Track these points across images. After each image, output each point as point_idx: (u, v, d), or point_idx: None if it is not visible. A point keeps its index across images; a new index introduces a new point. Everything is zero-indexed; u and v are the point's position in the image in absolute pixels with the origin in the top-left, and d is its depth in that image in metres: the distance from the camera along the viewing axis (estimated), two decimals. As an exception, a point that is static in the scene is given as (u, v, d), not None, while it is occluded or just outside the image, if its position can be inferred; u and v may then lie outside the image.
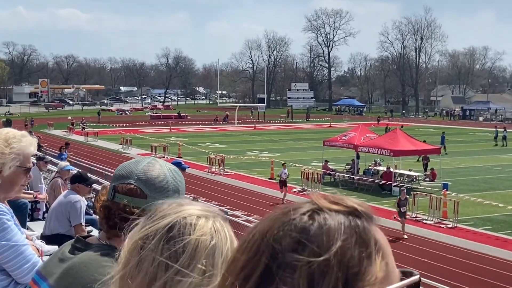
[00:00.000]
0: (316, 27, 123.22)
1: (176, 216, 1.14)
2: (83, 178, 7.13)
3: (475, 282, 13.78)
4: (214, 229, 1.14)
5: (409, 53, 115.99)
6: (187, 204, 1.20)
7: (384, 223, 19.72)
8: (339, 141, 29.51)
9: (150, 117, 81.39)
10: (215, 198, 23.48)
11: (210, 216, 1.17)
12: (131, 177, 1.75)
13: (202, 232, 1.12)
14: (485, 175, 30.30)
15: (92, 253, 1.70)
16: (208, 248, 1.10)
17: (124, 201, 1.73)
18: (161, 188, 1.74)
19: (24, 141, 2.72)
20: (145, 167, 1.77)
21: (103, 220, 1.77)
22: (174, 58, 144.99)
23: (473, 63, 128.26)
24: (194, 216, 1.15)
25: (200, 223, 1.13)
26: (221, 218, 1.19)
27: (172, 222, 1.12)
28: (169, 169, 1.78)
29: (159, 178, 1.75)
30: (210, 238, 1.11)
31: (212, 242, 1.11)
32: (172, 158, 29.74)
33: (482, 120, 77.98)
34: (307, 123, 76.20)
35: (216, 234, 1.13)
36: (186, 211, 1.16)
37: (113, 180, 1.80)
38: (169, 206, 1.17)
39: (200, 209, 1.18)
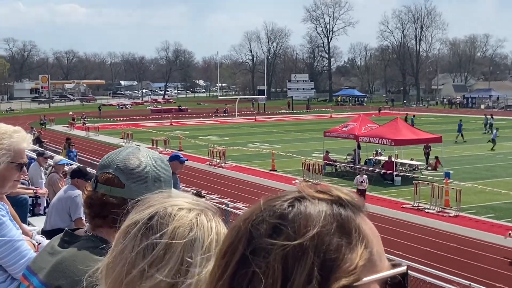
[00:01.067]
0: (316, 17, 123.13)
1: (159, 206, 1.14)
2: (83, 173, 7.14)
3: (479, 270, 13.77)
4: (197, 221, 1.13)
5: (409, 42, 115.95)
6: (176, 196, 1.20)
7: (386, 213, 19.73)
8: (340, 132, 29.47)
9: (150, 110, 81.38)
10: (216, 191, 23.48)
11: (195, 209, 1.16)
12: (111, 166, 1.74)
13: (180, 223, 1.11)
14: (487, 163, 30.26)
15: (80, 246, 1.68)
16: (186, 239, 1.09)
17: (102, 191, 1.72)
18: (139, 176, 1.71)
19: (16, 136, 2.69)
20: (125, 155, 1.75)
21: (86, 210, 1.75)
22: (173, 51, 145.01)
23: (474, 51, 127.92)
24: (176, 207, 1.14)
25: (180, 214, 1.13)
26: (211, 212, 1.17)
27: (153, 212, 1.13)
28: (151, 157, 1.75)
29: (138, 167, 1.72)
30: (189, 229, 1.11)
31: (191, 234, 1.10)
32: (172, 151, 29.75)
33: (484, 108, 77.81)
34: (308, 114, 76.13)
35: (197, 227, 1.12)
36: (170, 202, 1.16)
37: (97, 170, 1.80)
38: (157, 197, 1.18)
39: (186, 202, 1.18)
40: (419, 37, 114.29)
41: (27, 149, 2.80)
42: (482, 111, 59.60)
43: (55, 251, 1.70)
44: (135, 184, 1.70)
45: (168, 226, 1.10)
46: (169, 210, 1.13)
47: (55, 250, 1.70)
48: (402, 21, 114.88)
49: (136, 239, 1.10)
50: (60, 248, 1.70)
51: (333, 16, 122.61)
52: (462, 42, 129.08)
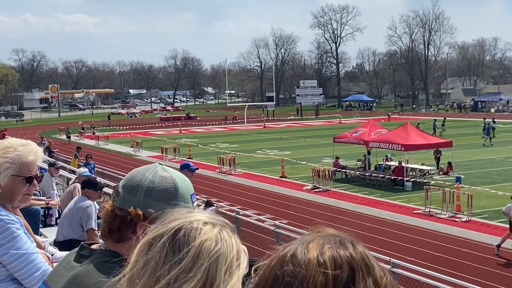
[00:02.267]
0: (323, 23, 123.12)
1: (184, 220, 1.17)
2: (92, 183, 7.16)
3: (492, 275, 13.67)
4: (220, 236, 1.15)
5: (417, 47, 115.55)
6: (197, 212, 1.23)
7: (397, 218, 19.64)
8: (350, 137, 29.40)
9: (159, 119, 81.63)
10: (226, 198, 23.48)
11: (217, 224, 1.18)
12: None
13: (207, 237, 1.13)
14: (498, 167, 30.07)
15: (95, 260, 1.69)
16: (212, 252, 1.11)
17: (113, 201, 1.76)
18: (131, 187, 1.72)
19: (21, 150, 2.69)
20: (143, 170, 1.77)
21: (104, 224, 1.78)
22: (182, 59, 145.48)
23: (483, 55, 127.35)
24: (201, 222, 1.17)
25: (206, 228, 1.15)
26: (229, 228, 1.20)
27: (179, 226, 1.15)
28: (158, 175, 1.73)
29: (134, 178, 1.73)
30: (215, 243, 1.13)
31: (217, 248, 1.12)
32: (182, 160, 29.82)
33: (494, 111, 77.38)
34: (317, 120, 76.05)
35: (221, 241, 1.14)
36: (194, 216, 1.19)
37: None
38: (179, 212, 1.21)
39: (208, 217, 1.21)
40: (428, 42, 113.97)
41: (36, 162, 2.78)
42: (492, 115, 59.23)
43: (71, 266, 1.71)
44: (126, 194, 1.71)
45: (195, 239, 1.12)
46: (195, 224, 1.15)
47: (71, 265, 1.71)
48: (410, 26, 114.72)
49: (163, 251, 1.12)
50: (75, 263, 1.71)
51: (340, 21, 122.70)
52: (470, 46, 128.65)
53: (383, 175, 25.90)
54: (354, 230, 18.68)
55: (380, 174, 26.25)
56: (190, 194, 1.74)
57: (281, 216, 20.09)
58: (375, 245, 15.36)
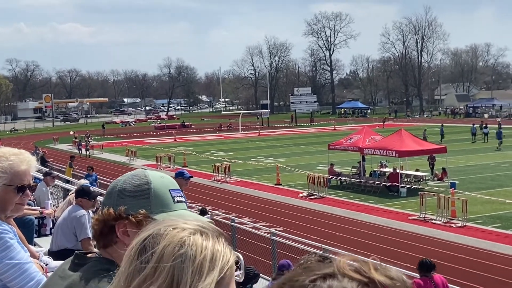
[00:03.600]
0: (317, 30, 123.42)
1: (156, 228, 1.18)
2: (86, 193, 7.12)
3: (487, 280, 13.69)
4: (189, 239, 1.14)
5: (411, 53, 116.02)
6: (178, 218, 1.23)
7: (392, 225, 19.66)
8: (344, 144, 29.46)
9: (154, 127, 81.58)
10: (221, 206, 23.44)
11: (189, 229, 1.17)
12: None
13: (170, 241, 1.14)
14: (492, 172, 30.16)
15: (91, 268, 1.68)
16: (175, 256, 1.11)
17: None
18: (108, 191, 1.74)
19: (13, 159, 2.68)
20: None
21: (93, 233, 1.80)
22: (176, 67, 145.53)
23: (476, 61, 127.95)
24: (170, 227, 1.17)
25: (172, 233, 1.15)
26: (211, 232, 1.18)
27: (148, 234, 1.17)
28: (134, 174, 1.75)
29: (112, 183, 1.76)
30: (179, 247, 1.13)
31: (182, 251, 1.12)
32: (177, 168, 29.78)
33: (487, 117, 77.62)
34: (311, 127, 76.17)
35: (189, 244, 1.13)
36: (167, 223, 1.19)
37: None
38: (160, 220, 1.23)
39: (185, 223, 1.20)
40: (421, 48, 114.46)
41: (29, 171, 2.77)
42: (486, 120, 59.50)
43: (65, 275, 1.71)
44: (105, 199, 1.75)
45: (158, 244, 1.13)
46: (162, 230, 1.16)
47: (66, 274, 1.71)
48: (403, 33, 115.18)
49: (132, 260, 1.15)
50: (71, 272, 1.70)
51: (334, 29, 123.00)
52: (463, 52, 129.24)
53: (378, 182, 25.93)
54: (349, 237, 18.71)
55: (375, 180, 26.28)
56: (168, 189, 1.72)
57: (277, 223, 20.07)
58: (370, 252, 15.35)
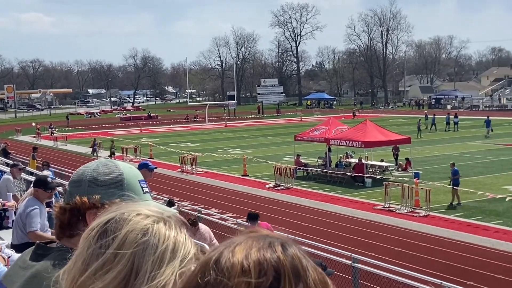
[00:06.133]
0: (283, 22, 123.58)
1: (118, 212, 1.16)
2: (42, 183, 6.97)
3: (448, 268, 13.98)
4: (153, 227, 1.13)
5: (376, 45, 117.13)
6: (141, 204, 1.23)
7: (357, 215, 19.91)
8: (311, 135, 29.64)
9: (119, 118, 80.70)
10: (188, 198, 23.37)
11: (153, 216, 1.16)
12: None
13: (134, 227, 1.12)
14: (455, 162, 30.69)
15: (52, 258, 1.66)
16: (137, 243, 1.10)
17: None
18: (76, 180, 1.73)
19: None
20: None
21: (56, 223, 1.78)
22: (141, 58, 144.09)
23: (439, 53, 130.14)
24: (134, 213, 1.16)
25: (135, 219, 1.14)
26: (174, 221, 1.17)
27: (111, 216, 1.15)
28: (101, 163, 1.75)
29: (78, 172, 1.75)
30: (142, 234, 1.11)
31: (144, 239, 1.11)
32: (143, 159, 29.52)
33: (450, 108, 79.02)
34: (278, 118, 76.40)
35: (152, 232, 1.12)
36: (130, 208, 1.18)
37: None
38: (122, 204, 1.21)
39: (149, 209, 1.19)
40: (386, 40, 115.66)
41: None
42: (448, 111, 60.62)
43: (27, 265, 1.68)
44: (72, 187, 1.73)
45: (121, 230, 1.12)
46: (126, 215, 1.14)
47: (27, 264, 1.68)
48: (369, 25, 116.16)
49: (92, 242, 1.13)
50: (32, 262, 1.68)
51: (300, 20, 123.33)
52: (427, 44, 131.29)
53: (344, 172, 26.19)
54: (315, 227, 18.83)
55: (341, 171, 26.54)
56: (137, 179, 1.74)
57: (243, 214, 20.06)
58: (336, 241, 15.53)
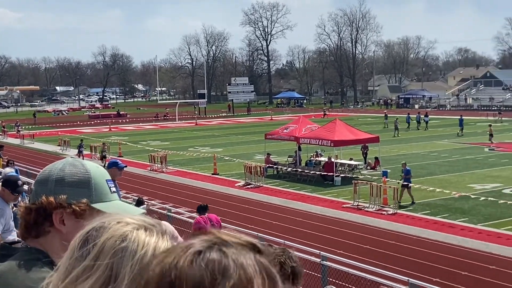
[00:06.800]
0: (254, 21, 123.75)
1: (100, 221, 1.18)
2: (11, 184, 6.81)
3: (415, 265, 14.20)
4: (132, 234, 1.14)
5: (345, 44, 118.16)
6: (126, 213, 1.27)
7: (327, 213, 20.07)
8: (281, 134, 29.75)
9: (88, 116, 79.77)
10: (158, 196, 23.23)
11: (134, 223, 1.17)
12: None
13: (112, 234, 1.14)
14: (422, 161, 31.22)
15: (18, 258, 1.64)
16: (116, 250, 1.12)
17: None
18: (42, 179, 1.71)
19: None
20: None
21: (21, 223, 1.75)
22: (111, 56, 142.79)
23: (407, 53, 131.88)
24: (115, 221, 1.17)
25: (115, 227, 1.15)
26: (156, 229, 1.18)
27: (92, 226, 1.17)
28: (68, 163, 1.74)
29: (45, 171, 1.73)
30: (121, 240, 1.13)
31: (122, 245, 1.12)
32: (112, 157, 29.19)
33: (418, 107, 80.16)
34: (249, 117, 76.44)
35: (131, 239, 1.13)
36: (113, 217, 1.19)
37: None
38: (107, 215, 1.23)
39: (130, 218, 1.19)
40: (355, 40, 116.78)
41: None
42: (416, 111, 61.52)
43: None
44: (38, 187, 1.70)
45: (100, 237, 1.14)
46: (106, 223, 1.16)
47: None
48: (338, 24, 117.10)
49: (74, 251, 1.15)
50: None
51: (271, 19, 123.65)
52: (396, 44, 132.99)
53: (314, 171, 26.36)
54: (285, 226, 18.88)
55: (311, 169, 26.70)
56: (105, 179, 1.73)
57: (213, 213, 20.02)
58: (305, 240, 15.63)
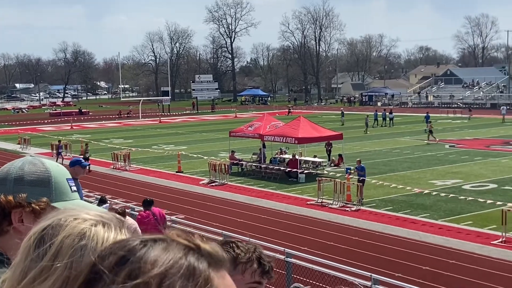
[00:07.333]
0: (218, 18, 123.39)
1: (55, 218, 1.14)
2: None
3: (378, 260, 14.39)
4: (91, 230, 1.11)
5: (309, 42, 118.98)
6: (81, 209, 1.19)
7: (291, 210, 20.17)
8: (245, 131, 29.76)
9: (49, 114, 78.41)
10: (121, 195, 22.97)
11: (92, 219, 1.14)
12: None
13: (70, 232, 1.10)
14: (384, 158, 31.68)
15: None
16: (75, 248, 1.08)
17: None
18: (1, 178, 1.67)
19: None
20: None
21: None
22: (72, 52, 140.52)
23: (370, 51, 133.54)
24: (72, 218, 1.13)
25: (72, 224, 1.12)
26: (114, 224, 1.15)
27: (48, 223, 1.13)
28: (27, 161, 1.71)
29: (3, 170, 1.70)
30: (79, 238, 1.10)
31: (81, 243, 1.09)
32: (74, 156, 28.75)
33: (380, 105, 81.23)
34: (213, 114, 76.26)
35: (89, 236, 1.10)
36: (68, 213, 1.15)
37: None
38: (61, 210, 1.18)
39: (87, 213, 1.16)
40: (319, 38, 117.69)
41: None
42: (379, 108, 62.35)
43: None
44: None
45: (57, 236, 1.10)
46: (63, 220, 1.12)
47: None
48: (302, 22, 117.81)
49: (30, 251, 1.10)
50: None
51: (235, 16, 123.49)
52: (358, 42, 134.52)
53: (278, 168, 26.46)
54: (250, 223, 18.89)
55: (275, 167, 26.80)
56: (65, 178, 1.71)
57: (178, 211, 19.98)
58: (270, 237, 15.68)
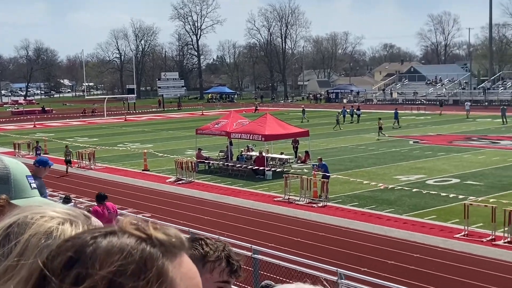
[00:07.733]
0: (183, 15, 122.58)
1: (21, 215, 1.10)
2: None
3: (344, 256, 14.55)
4: (58, 229, 1.08)
5: (275, 40, 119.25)
6: (48, 206, 1.17)
7: (258, 207, 20.23)
8: (212, 129, 29.70)
9: (11, 113, 76.91)
10: (86, 194, 22.64)
11: (59, 217, 1.11)
12: None
13: (37, 230, 1.07)
14: (350, 154, 32.00)
15: None
16: (40, 247, 1.05)
17: None
18: None
19: None
20: None
21: None
22: (34, 50, 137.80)
23: (335, 48, 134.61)
24: (38, 215, 1.10)
25: (39, 222, 1.09)
26: (81, 221, 1.13)
27: (13, 220, 1.10)
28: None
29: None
30: (46, 237, 1.07)
31: (48, 242, 1.06)
32: (38, 155, 28.25)
33: (346, 102, 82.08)
34: (179, 112, 75.86)
35: (56, 235, 1.08)
36: (34, 210, 1.12)
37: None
38: (26, 207, 1.14)
39: (54, 211, 1.13)
40: (285, 35, 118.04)
41: None
42: (345, 105, 62.96)
43: None
44: None
45: (23, 234, 1.07)
46: (29, 218, 1.09)
47: None
48: (268, 19, 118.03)
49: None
50: None
51: (201, 14, 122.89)
52: (324, 40, 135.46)
53: (245, 165, 26.49)
54: (217, 220, 18.85)
55: (242, 164, 26.81)
56: (25, 175, 1.71)
57: (145, 209, 19.84)
58: (237, 234, 15.68)
